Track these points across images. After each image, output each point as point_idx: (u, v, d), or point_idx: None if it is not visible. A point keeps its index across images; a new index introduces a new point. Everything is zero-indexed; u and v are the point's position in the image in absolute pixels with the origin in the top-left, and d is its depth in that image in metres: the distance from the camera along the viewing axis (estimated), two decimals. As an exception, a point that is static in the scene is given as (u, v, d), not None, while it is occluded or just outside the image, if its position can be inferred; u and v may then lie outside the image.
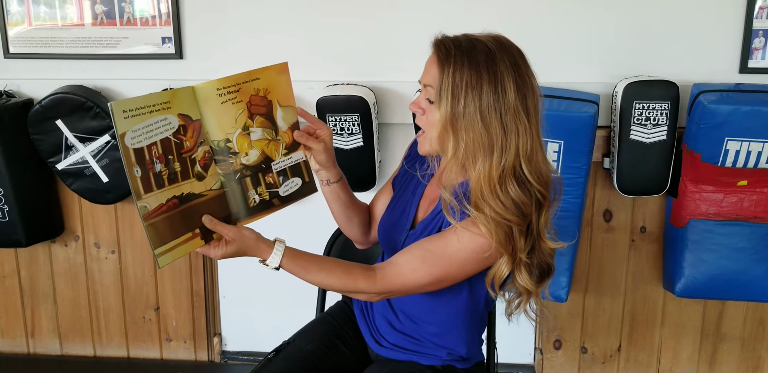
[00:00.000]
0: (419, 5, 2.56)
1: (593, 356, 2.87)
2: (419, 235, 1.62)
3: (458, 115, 1.42)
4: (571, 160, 2.36)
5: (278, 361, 1.75)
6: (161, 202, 1.37)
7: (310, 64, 2.63)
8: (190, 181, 1.43)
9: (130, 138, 1.31)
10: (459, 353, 1.73)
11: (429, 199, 1.68)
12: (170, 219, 1.39)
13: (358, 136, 2.51)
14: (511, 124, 1.43)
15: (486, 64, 1.42)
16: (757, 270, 2.45)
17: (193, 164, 1.44)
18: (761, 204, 2.43)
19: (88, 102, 2.58)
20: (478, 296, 1.67)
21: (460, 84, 1.42)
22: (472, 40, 1.47)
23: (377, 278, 1.54)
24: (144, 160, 1.34)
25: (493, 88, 1.41)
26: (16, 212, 2.70)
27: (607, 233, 2.73)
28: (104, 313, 3.03)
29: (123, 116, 1.29)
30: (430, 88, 1.48)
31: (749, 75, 2.51)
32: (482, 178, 1.43)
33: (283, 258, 1.50)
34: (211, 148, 1.47)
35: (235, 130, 1.48)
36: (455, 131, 1.44)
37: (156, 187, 1.36)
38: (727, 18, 2.49)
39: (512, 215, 1.44)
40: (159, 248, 1.37)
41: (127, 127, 1.30)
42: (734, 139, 2.30)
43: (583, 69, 2.57)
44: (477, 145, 1.43)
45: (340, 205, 1.76)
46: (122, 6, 2.66)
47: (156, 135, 1.36)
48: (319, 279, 1.56)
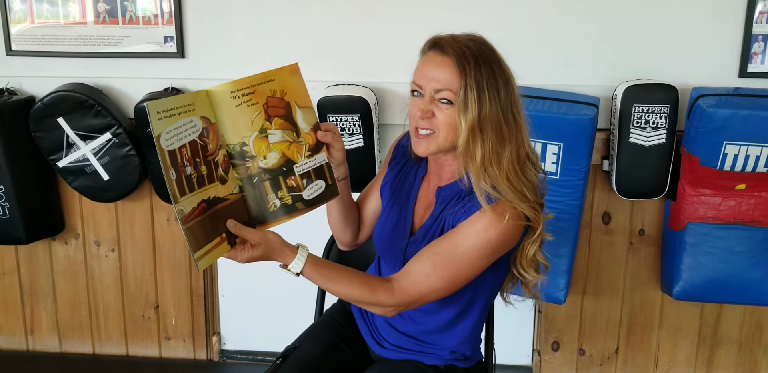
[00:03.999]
0: (420, 7, 2.57)
1: (591, 357, 2.88)
2: (420, 241, 1.62)
3: (484, 117, 1.46)
4: (571, 162, 2.37)
5: (287, 367, 1.74)
6: (193, 206, 1.35)
7: (311, 65, 2.61)
8: (215, 184, 1.41)
9: (164, 140, 1.29)
10: (462, 351, 1.73)
11: (424, 204, 1.68)
12: (202, 223, 1.37)
13: (358, 137, 2.52)
14: (518, 117, 1.51)
15: (495, 63, 1.49)
16: (754, 274, 2.46)
17: (216, 167, 1.42)
18: (759, 208, 2.44)
19: (89, 100, 2.59)
20: (482, 294, 1.68)
21: (483, 86, 1.46)
22: (472, 40, 1.51)
23: (395, 290, 1.54)
24: (177, 163, 1.32)
25: (506, 85, 1.49)
26: (16, 209, 2.71)
27: (605, 235, 2.74)
28: (104, 311, 3.04)
29: (157, 117, 1.28)
30: (446, 91, 1.48)
31: (748, 79, 2.52)
32: (509, 171, 1.50)
33: (305, 264, 1.49)
34: (227, 152, 1.45)
35: (251, 133, 1.45)
36: (482, 132, 1.48)
37: (188, 190, 1.34)
38: (727, 23, 2.50)
39: (538, 197, 1.54)
40: (197, 252, 1.35)
41: (161, 128, 1.29)
42: (733, 143, 2.31)
43: (584, 72, 2.58)
44: (500, 143, 1.49)
45: (340, 204, 1.75)
46: (125, 5, 2.66)
47: (185, 137, 1.34)
48: (338, 288, 1.55)
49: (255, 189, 1.48)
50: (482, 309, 1.72)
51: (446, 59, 1.48)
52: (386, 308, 1.56)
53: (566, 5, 2.54)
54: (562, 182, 2.39)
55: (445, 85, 1.48)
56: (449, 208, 1.59)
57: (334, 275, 1.53)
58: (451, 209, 1.58)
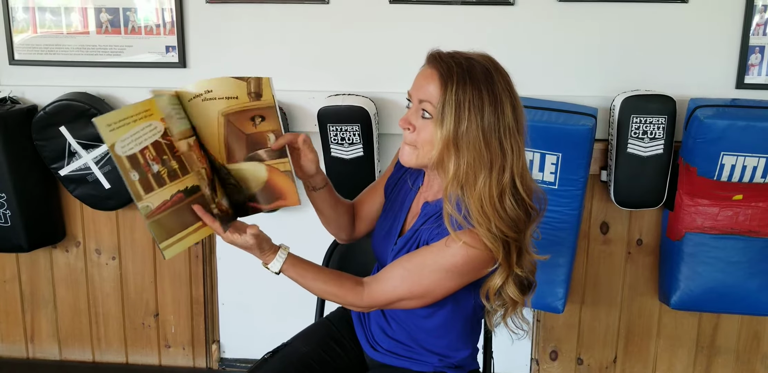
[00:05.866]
0: (419, 18, 2.58)
1: (589, 367, 2.88)
2: (399, 250, 1.65)
3: (461, 134, 1.44)
4: (569, 172, 2.38)
5: (274, 361, 1.78)
6: (165, 198, 1.45)
7: (311, 75, 2.66)
8: (189, 175, 1.50)
9: (120, 147, 1.38)
10: (451, 360, 1.74)
11: (413, 213, 1.70)
12: (177, 212, 1.47)
13: (358, 146, 2.53)
14: (508, 144, 1.46)
15: (486, 84, 1.44)
16: (751, 284, 2.47)
17: (190, 161, 1.51)
18: (756, 218, 2.45)
19: (91, 109, 2.61)
20: (465, 304, 1.68)
21: (464, 103, 1.43)
22: (469, 59, 1.48)
23: (364, 294, 1.61)
24: (139, 164, 1.41)
25: (493, 109, 1.44)
26: (18, 217, 2.72)
27: (603, 245, 2.75)
28: (104, 319, 3.05)
29: (108, 129, 1.36)
30: (427, 103, 1.48)
31: (745, 91, 2.54)
32: (483, 195, 1.45)
33: (284, 264, 1.58)
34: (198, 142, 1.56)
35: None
36: (457, 150, 1.45)
37: (157, 186, 1.44)
38: (724, 34, 2.52)
39: (511, 231, 1.48)
40: (164, 242, 1.45)
41: (114, 138, 1.37)
42: (730, 154, 2.32)
43: (582, 83, 2.59)
44: (477, 164, 1.45)
45: (327, 208, 1.77)
46: (127, 15, 2.68)
47: (145, 140, 1.42)
48: (315, 287, 1.63)
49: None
50: (468, 318, 1.72)
51: (434, 73, 1.48)
52: (358, 308, 1.66)
53: (565, 16, 2.56)
54: (560, 192, 2.40)
55: (428, 97, 1.48)
56: (428, 223, 1.60)
57: (310, 275, 1.62)
58: (429, 225, 1.59)
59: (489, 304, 1.58)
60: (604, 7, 2.53)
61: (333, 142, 2.51)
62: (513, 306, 1.61)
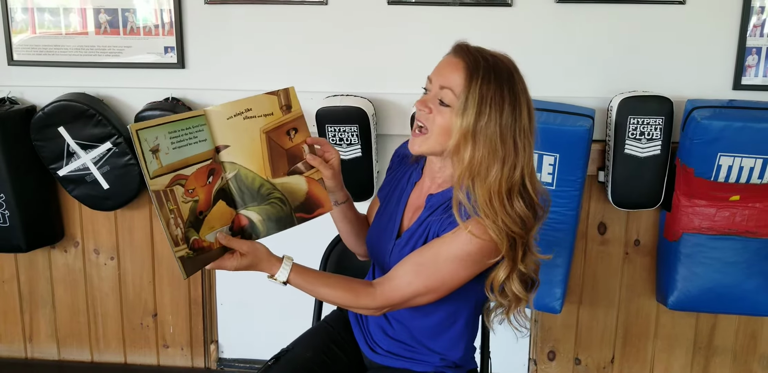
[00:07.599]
0: (417, 20, 2.59)
1: (587, 367, 2.89)
2: (405, 244, 1.65)
3: (480, 128, 1.47)
4: (567, 173, 2.39)
5: (277, 368, 1.77)
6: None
7: (310, 76, 2.66)
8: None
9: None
10: (452, 359, 1.75)
11: (413, 207, 1.71)
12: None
13: (356, 147, 2.54)
14: (521, 143, 1.50)
15: (508, 83, 1.49)
16: (748, 284, 2.48)
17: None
18: (753, 219, 2.45)
19: (90, 110, 2.61)
20: (468, 300, 1.69)
21: (486, 99, 1.47)
22: (494, 56, 1.52)
23: (377, 294, 1.60)
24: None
25: (512, 109, 1.48)
26: (17, 217, 2.72)
27: (601, 245, 2.76)
28: (102, 319, 3.05)
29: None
30: (448, 90, 1.50)
31: (742, 92, 2.54)
32: (493, 189, 1.48)
33: (290, 273, 1.57)
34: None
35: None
36: (474, 142, 1.48)
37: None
38: (722, 36, 2.53)
39: (517, 227, 1.50)
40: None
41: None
42: (727, 155, 2.33)
43: (579, 84, 2.60)
44: (492, 158, 1.48)
45: (346, 223, 1.83)
46: (126, 15, 2.69)
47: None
48: (324, 294, 1.62)
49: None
50: (469, 315, 1.73)
51: (460, 62, 1.51)
52: (371, 310, 1.63)
53: (563, 17, 2.56)
54: (558, 193, 2.40)
55: (450, 84, 1.50)
56: (436, 214, 1.61)
57: (318, 282, 1.61)
58: (438, 216, 1.60)
59: (493, 296, 1.60)
60: (602, 9, 2.54)
61: (331, 142, 2.51)
62: (517, 303, 1.62)
